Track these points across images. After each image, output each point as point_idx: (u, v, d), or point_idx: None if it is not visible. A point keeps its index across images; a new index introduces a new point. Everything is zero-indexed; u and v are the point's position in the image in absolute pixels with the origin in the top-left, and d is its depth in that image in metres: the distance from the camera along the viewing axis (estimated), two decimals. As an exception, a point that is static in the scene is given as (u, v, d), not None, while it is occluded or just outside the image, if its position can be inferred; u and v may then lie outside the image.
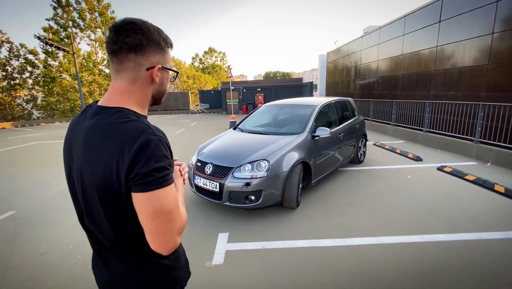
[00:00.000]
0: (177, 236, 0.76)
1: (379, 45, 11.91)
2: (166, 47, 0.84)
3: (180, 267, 0.91)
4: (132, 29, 0.75)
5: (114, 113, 0.75)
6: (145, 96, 0.83)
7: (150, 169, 0.68)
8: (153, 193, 0.69)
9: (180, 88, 35.80)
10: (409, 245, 2.66)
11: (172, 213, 0.73)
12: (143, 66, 0.78)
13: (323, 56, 24.73)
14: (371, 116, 10.61)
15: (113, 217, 0.76)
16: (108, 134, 0.72)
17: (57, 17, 23.73)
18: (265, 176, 3.09)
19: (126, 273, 0.83)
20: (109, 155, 0.70)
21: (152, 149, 0.69)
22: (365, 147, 5.71)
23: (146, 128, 0.72)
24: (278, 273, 2.31)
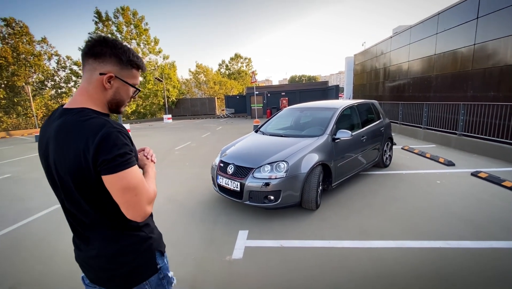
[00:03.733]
0: (146, 206, 0.92)
1: (410, 45, 11.42)
2: (129, 65, 0.98)
3: (155, 237, 1.07)
4: (101, 42, 0.93)
5: (77, 113, 0.91)
6: (100, 99, 0.96)
7: (114, 155, 0.84)
8: (119, 174, 0.86)
9: (207, 94, 37.00)
10: (432, 250, 2.57)
11: (138, 188, 0.89)
12: (97, 70, 0.93)
13: (350, 58, 24.16)
14: (400, 120, 10.17)
15: (88, 197, 0.92)
16: (74, 130, 0.88)
17: (98, 31, 25.94)
18: (284, 176, 3.18)
19: (106, 246, 0.97)
20: (77, 147, 0.86)
21: (113, 139, 0.85)
22: (391, 150, 5.53)
23: (106, 122, 0.88)
24: (295, 271, 2.38)
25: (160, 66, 29.32)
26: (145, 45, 28.62)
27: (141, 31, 27.55)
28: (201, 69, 37.97)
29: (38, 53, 25.25)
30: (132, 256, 0.99)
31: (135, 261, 1.00)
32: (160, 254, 1.08)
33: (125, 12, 26.36)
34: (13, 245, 3.08)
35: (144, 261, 1.02)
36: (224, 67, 44.17)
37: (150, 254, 1.04)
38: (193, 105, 29.68)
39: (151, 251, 1.04)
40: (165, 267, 1.11)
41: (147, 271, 1.02)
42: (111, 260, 0.98)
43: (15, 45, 23.55)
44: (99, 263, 0.99)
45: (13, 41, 23.60)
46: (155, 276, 1.05)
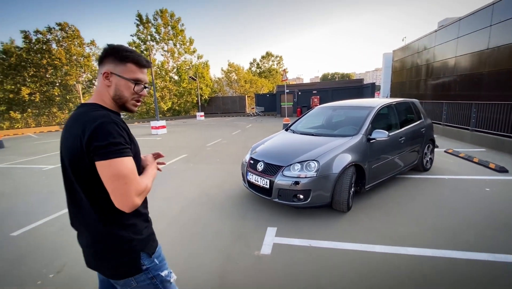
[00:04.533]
0: (135, 197, 0.95)
1: (458, 39, 10.46)
2: (123, 60, 1.06)
3: (140, 238, 1.08)
4: (103, 50, 1.07)
5: (87, 106, 1.04)
6: (107, 98, 1.07)
7: (107, 142, 0.91)
8: (111, 161, 0.91)
9: (238, 93, 37.56)
10: (476, 262, 2.36)
11: (128, 177, 0.93)
12: (100, 72, 1.07)
13: (388, 55, 22.78)
14: (443, 120, 9.37)
15: (84, 186, 0.99)
16: (77, 119, 0.99)
17: (139, 32, 27.67)
18: (314, 176, 3.13)
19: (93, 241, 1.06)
20: (75, 133, 0.95)
21: (108, 128, 0.92)
22: (432, 153, 5.14)
23: (106, 114, 0.96)
24: (323, 271, 2.34)
25: (194, 65, 30.42)
26: (181, 45, 29.88)
27: (178, 32, 28.80)
28: (232, 68, 38.65)
29: (87, 55, 27.70)
30: (114, 255, 1.05)
31: (117, 259, 1.05)
32: (147, 255, 1.10)
33: (163, 14, 27.76)
34: (65, 225, 3.45)
35: (126, 260, 1.06)
36: (255, 66, 44.44)
37: (132, 254, 1.06)
38: (224, 104, 30.35)
39: (133, 252, 1.06)
40: (156, 267, 1.13)
41: (130, 270, 1.07)
42: (97, 254, 1.07)
43: (68, 48, 26.10)
44: (89, 253, 1.10)
45: (66, 44, 26.17)
46: (143, 275, 1.09)
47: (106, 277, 1.14)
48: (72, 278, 2.39)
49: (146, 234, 1.12)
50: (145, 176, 1.08)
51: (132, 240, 1.06)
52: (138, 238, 1.08)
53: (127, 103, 1.10)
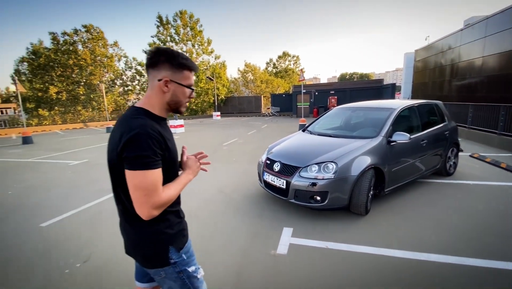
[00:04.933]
0: (152, 209, 1.00)
1: (485, 38, 9.95)
2: (180, 68, 1.09)
3: (171, 233, 1.15)
4: (155, 52, 1.07)
5: (133, 110, 1.08)
6: (160, 102, 1.11)
7: (135, 154, 0.96)
8: (136, 172, 0.96)
9: (254, 93, 37.68)
10: (504, 272, 2.25)
11: (148, 190, 0.97)
12: (155, 78, 1.08)
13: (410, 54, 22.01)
14: (469, 123, 8.95)
15: (120, 184, 1.06)
16: (121, 124, 1.04)
17: (159, 34, 28.44)
18: (332, 178, 3.10)
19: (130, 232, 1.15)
20: (116, 137, 1.01)
21: (140, 140, 0.96)
22: (456, 157, 4.93)
23: (143, 125, 0.99)
24: (339, 273, 2.33)
25: (211, 66, 30.87)
26: (199, 46, 30.41)
27: (196, 33, 29.33)
28: (249, 68, 38.84)
29: (110, 55, 28.86)
30: (146, 246, 1.13)
31: (147, 250, 1.13)
32: (175, 250, 1.15)
33: (183, 15, 28.38)
34: (91, 218, 3.64)
35: (156, 252, 1.13)
36: (272, 66, 44.40)
37: (161, 247, 1.13)
38: (240, 103, 30.57)
39: (163, 245, 1.13)
40: (183, 262, 1.18)
41: (158, 261, 1.14)
42: (132, 244, 1.17)
43: (92, 49, 27.30)
44: (127, 242, 1.19)
45: (91, 45, 27.39)
46: (171, 268, 1.15)
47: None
48: (97, 268, 2.52)
49: (177, 229, 1.18)
50: (174, 184, 1.11)
51: (163, 233, 1.12)
52: (169, 232, 1.14)
53: (181, 107, 1.17)
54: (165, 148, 1.06)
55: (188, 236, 1.26)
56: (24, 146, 11.45)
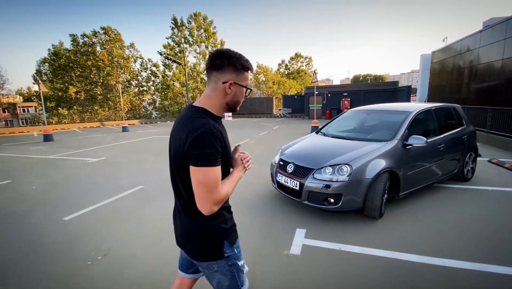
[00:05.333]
0: (213, 205, 1.08)
1: (505, 40, 9.60)
2: (243, 70, 1.15)
3: (225, 228, 1.22)
4: (219, 55, 1.12)
5: (195, 110, 1.13)
6: (221, 102, 1.17)
7: (200, 152, 1.02)
8: (199, 168, 1.03)
9: (266, 94, 37.74)
10: (526, 282, 2.19)
11: (210, 186, 1.04)
12: (220, 80, 1.13)
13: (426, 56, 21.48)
14: (488, 128, 8.66)
15: (183, 181, 1.13)
16: (185, 123, 1.10)
17: (173, 35, 28.99)
18: (346, 180, 3.11)
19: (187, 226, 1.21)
20: (181, 137, 1.07)
21: (205, 139, 1.03)
22: (474, 162, 4.80)
23: (207, 124, 1.06)
24: (352, 275, 2.34)
25: (224, 66, 31.11)
26: (213, 47, 30.77)
27: (210, 35, 29.70)
28: (261, 69, 38.94)
29: (127, 57, 29.64)
30: (202, 239, 1.20)
31: (203, 244, 1.20)
32: (229, 244, 1.22)
33: (197, 17, 28.81)
34: (110, 213, 3.79)
35: (212, 245, 1.20)
36: (284, 67, 44.32)
37: (217, 241, 1.20)
38: (251, 104, 30.69)
39: (219, 239, 1.20)
40: (235, 256, 1.26)
41: (213, 255, 1.21)
42: (187, 236, 1.23)
43: (110, 50, 28.13)
44: (181, 234, 1.26)
45: (109, 46, 28.23)
46: (224, 261, 1.22)
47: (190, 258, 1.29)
48: (117, 261, 2.64)
49: (230, 224, 1.26)
50: (229, 181, 1.17)
51: (219, 228, 1.20)
52: (224, 227, 1.22)
53: (238, 106, 1.24)
54: (224, 146, 1.12)
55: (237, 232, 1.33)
56: (46, 143, 11.96)
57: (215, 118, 1.15)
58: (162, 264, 2.57)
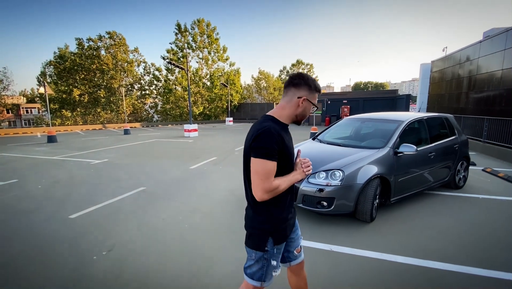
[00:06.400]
0: (263, 192, 1.27)
1: (505, 51, 9.81)
2: (314, 90, 1.40)
3: (271, 226, 1.40)
4: (298, 76, 1.38)
5: (264, 117, 1.40)
6: (292, 113, 1.40)
7: (260, 146, 1.25)
8: (257, 159, 1.25)
9: (267, 99, 38.05)
10: (504, 282, 2.33)
11: (262, 175, 1.24)
12: (295, 95, 1.37)
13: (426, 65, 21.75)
14: (484, 137, 8.82)
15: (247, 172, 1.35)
16: (254, 126, 1.37)
17: (177, 41, 29.44)
18: (338, 185, 3.27)
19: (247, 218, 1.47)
20: (249, 136, 1.35)
21: (264, 136, 1.25)
22: (466, 170, 4.95)
23: (270, 126, 1.28)
24: (341, 275, 2.48)
25: (226, 72, 31.54)
26: (215, 53, 31.20)
27: (213, 41, 30.15)
28: (263, 75, 39.36)
29: (131, 61, 30.08)
30: (253, 228, 1.43)
31: (254, 231, 1.43)
32: (272, 241, 1.40)
33: (200, 23, 29.31)
34: (111, 214, 3.95)
35: (258, 238, 1.41)
36: (285, 73, 44.73)
37: (263, 236, 1.40)
38: (252, 110, 30.99)
39: (264, 234, 1.40)
40: (272, 254, 1.42)
41: (256, 244, 1.42)
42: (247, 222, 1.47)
43: (114, 54, 28.58)
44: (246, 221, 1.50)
45: (114, 50, 28.68)
46: (261, 254, 1.41)
47: None
48: (121, 256, 2.79)
49: (279, 226, 1.42)
50: (284, 178, 1.33)
51: (268, 223, 1.39)
52: (272, 225, 1.40)
53: (303, 119, 1.45)
54: (282, 146, 1.31)
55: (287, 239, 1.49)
56: (49, 144, 12.18)
57: (280, 124, 1.38)
58: (163, 261, 2.72)
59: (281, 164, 1.31)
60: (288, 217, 1.46)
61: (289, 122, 1.42)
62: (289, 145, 1.39)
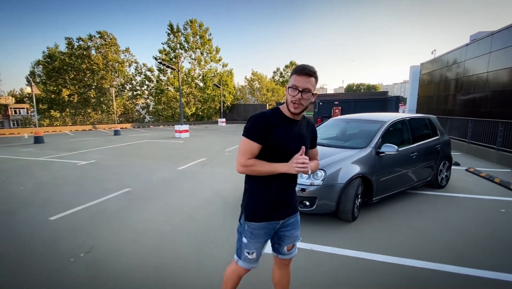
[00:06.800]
0: (238, 166, 1.43)
1: (490, 54, 10.07)
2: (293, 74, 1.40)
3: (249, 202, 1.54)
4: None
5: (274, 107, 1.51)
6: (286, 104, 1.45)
7: (245, 126, 1.44)
8: (242, 136, 1.43)
9: (260, 101, 38.11)
10: (478, 279, 2.38)
11: (240, 150, 1.42)
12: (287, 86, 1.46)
13: (416, 67, 22.13)
14: (469, 138, 9.02)
15: None
16: None
17: (169, 41, 29.25)
18: (320, 184, 3.29)
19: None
20: None
21: (252, 119, 1.43)
22: (448, 170, 5.05)
23: (261, 112, 1.45)
24: (321, 275, 2.49)
25: (219, 73, 31.48)
26: (208, 54, 31.11)
27: (205, 41, 30.07)
28: (256, 76, 39.42)
29: (122, 61, 29.73)
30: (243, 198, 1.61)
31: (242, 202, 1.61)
32: (244, 216, 1.55)
33: (193, 24, 29.20)
34: (94, 215, 3.89)
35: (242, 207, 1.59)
36: (279, 75, 44.93)
37: (241, 208, 1.60)
38: (245, 111, 31.00)
39: (241, 207, 1.60)
40: (244, 230, 1.57)
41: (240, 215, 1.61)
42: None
43: (105, 54, 28.21)
44: None
45: (104, 50, 28.31)
46: (238, 225, 1.62)
47: None
48: (99, 258, 2.75)
49: (254, 204, 1.53)
50: (264, 162, 1.42)
51: (247, 199, 1.56)
52: (249, 201, 1.54)
53: (289, 106, 1.41)
54: (269, 133, 1.40)
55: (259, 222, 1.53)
56: (36, 145, 11.93)
57: (281, 115, 1.46)
58: (142, 262, 2.69)
59: (268, 151, 1.42)
60: (267, 202, 1.51)
61: (290, 115, 1.44)
62: (280, 135, 1.41)
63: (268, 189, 1.49)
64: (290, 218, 1.64)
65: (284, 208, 1.59)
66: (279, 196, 1.53)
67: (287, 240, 1.67)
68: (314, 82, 1.38)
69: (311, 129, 1.62)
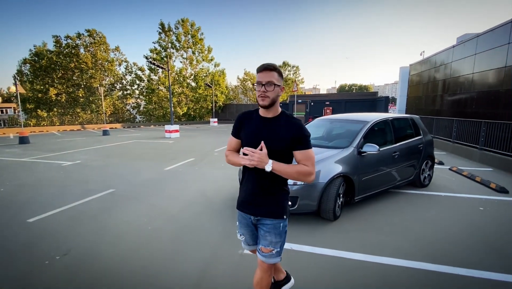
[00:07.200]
0: (225, 155, 1.71)
1: (475, 55, 10.31)
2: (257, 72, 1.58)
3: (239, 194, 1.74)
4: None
5: None
6: None
7: None
8: None
9: (252, 101, 38.10)
10: (452, 276, 2.44)
11: (227, 143, 1.75)
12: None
13: (405, 68, 22.51)
14: (453, 138, 9.22)
15: None
16: None
17: (160, 40, 28.96)
18: (302, 184, 3.31)
19: None
20: None
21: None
22: (431, 170, 5.15)
23: (244, 112, 1.70)
24: (298, 274, 2.50)
25: (211, 73, 31.32)
26: (199, 53, 30.93)
27: (197, 41, 29.88)
28: (248, 76, 39.37)
29: (111, 60, 29.26)
30: None
31: None
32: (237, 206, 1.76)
33: (184, 23, 28.97)
34: (74, 217, 3.81)
35: None
36: (271, 75, 44.86)
37: None
38: (238, 111, 30.95)
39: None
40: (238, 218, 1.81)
41: None
42: None
43: (94, 53, 27.71)
44: None
45: (93, 49, 27.81)
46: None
47: None
48: (75, 261, 2.69)
49: (240, 195, 1.74)
50: (236, 154, 1.68)
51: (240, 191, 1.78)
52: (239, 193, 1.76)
53: (258, 101, 1.54)
54: (241, 128, 1.66)
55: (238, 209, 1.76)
56: (21, 145, 11.64)
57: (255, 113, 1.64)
58: (120, 264, 2.65)
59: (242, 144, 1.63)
60: (243, 193, 1.70)
61: (263, 113, 1.58)
62: (248, 130, 1.60)
63: (244, 181, 1.68)
64: (266, 220, 1.65)
65: (257, 205, 1.63)
66: (252, 190, 1.64)
67: (262, 240, 1.68)
68: (277, 76, 1.50)
69: (292, 130, 1.55)
